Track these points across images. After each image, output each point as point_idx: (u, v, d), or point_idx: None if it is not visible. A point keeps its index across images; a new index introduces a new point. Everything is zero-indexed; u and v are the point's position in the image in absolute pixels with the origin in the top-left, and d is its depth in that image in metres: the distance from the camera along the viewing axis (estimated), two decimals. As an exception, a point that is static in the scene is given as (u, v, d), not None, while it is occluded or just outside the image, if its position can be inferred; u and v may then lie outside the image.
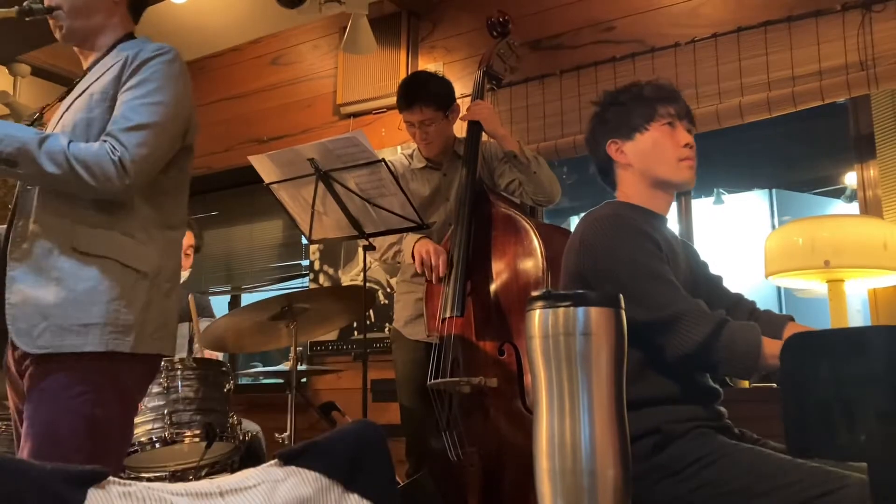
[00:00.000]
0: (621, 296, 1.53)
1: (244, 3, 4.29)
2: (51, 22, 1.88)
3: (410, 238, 2.77)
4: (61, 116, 1.82)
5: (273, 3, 3.21)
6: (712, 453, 1.61)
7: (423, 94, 2.88)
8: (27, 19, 1.84)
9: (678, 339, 1.63)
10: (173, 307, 1.88)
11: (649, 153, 1.88)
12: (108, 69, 1.82)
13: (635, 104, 1.90)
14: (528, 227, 2.53)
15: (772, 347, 1.57)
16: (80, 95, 1.82)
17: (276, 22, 4.45)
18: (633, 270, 1.70)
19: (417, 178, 3.01)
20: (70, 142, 1.70)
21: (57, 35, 1.90)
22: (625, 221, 1.78)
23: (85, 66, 1.94)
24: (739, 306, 1.97)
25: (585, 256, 1.79)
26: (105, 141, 1.71)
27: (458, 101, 3.01)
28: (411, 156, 3.06)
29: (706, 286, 1.97)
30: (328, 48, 4.43)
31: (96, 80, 1.82)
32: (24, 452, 1.63)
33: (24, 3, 1.84)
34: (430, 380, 2.56)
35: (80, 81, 1.89)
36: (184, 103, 1.83)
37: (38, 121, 1.97)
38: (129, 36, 1.94)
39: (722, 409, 1.81)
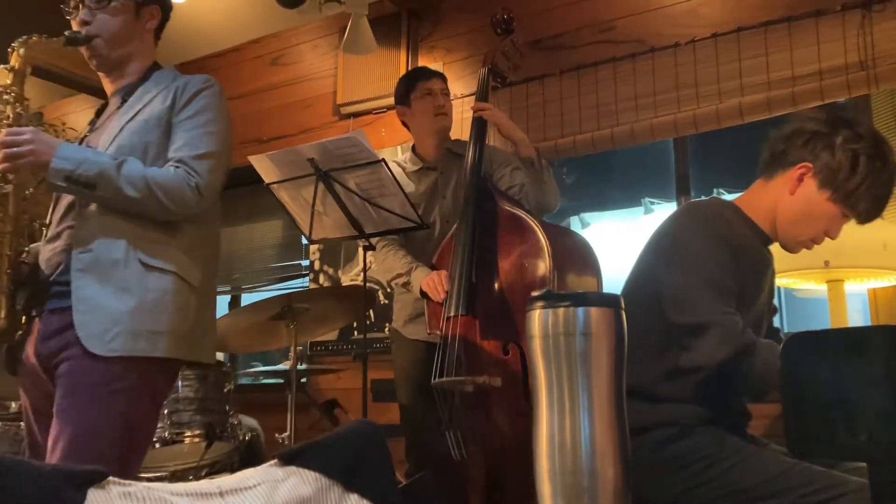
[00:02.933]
0: (670, 298, 1.61)
1: (244, 3, 4.29)
2: (86, 52, 1.97)
3: (419, 273, 2.75)
4: (114, 137, 1.90)
5: (273, 3, 3.21)
6: (720, 452, 1.62)
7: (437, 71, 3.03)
8: (69, 47, 1.93)
9: (700, 349, 1.63)
10: (213, 318, 2.03)
11: (806, 214, 1.77)
12: (155, 97, 1.95)
13: (865, 180, 1.68)
14: (534, 226, 2.52)
15: None
16: (132, 119, 1.91)
17: (276, 22, 4.45)
18: (695, 272, 1.68)
19: (412, 180, 3.00)
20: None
21: (92, 63, 1.99)
22: (719, 226, 1.73)
23: (111, 89, 2.05)
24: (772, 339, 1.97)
25: (668, 239, 1.79)
26: (178, 167, 1.84)
27: (459, 101, 3.02)
28: (405, 160, 3.06)
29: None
30: (328, 48, 4.43)
31: (145, 105, 1.93)
32: (56, 446, 1.68)
33: (68, 32, 1.93)
34: (434, 378, 2.55)
35: (122, 104, 1.97)
36: (231, 132, 2.00)
37: (37, 120, 2.00)
38: (157, 65, 2.06)
39: (746, 418, 1.81)
